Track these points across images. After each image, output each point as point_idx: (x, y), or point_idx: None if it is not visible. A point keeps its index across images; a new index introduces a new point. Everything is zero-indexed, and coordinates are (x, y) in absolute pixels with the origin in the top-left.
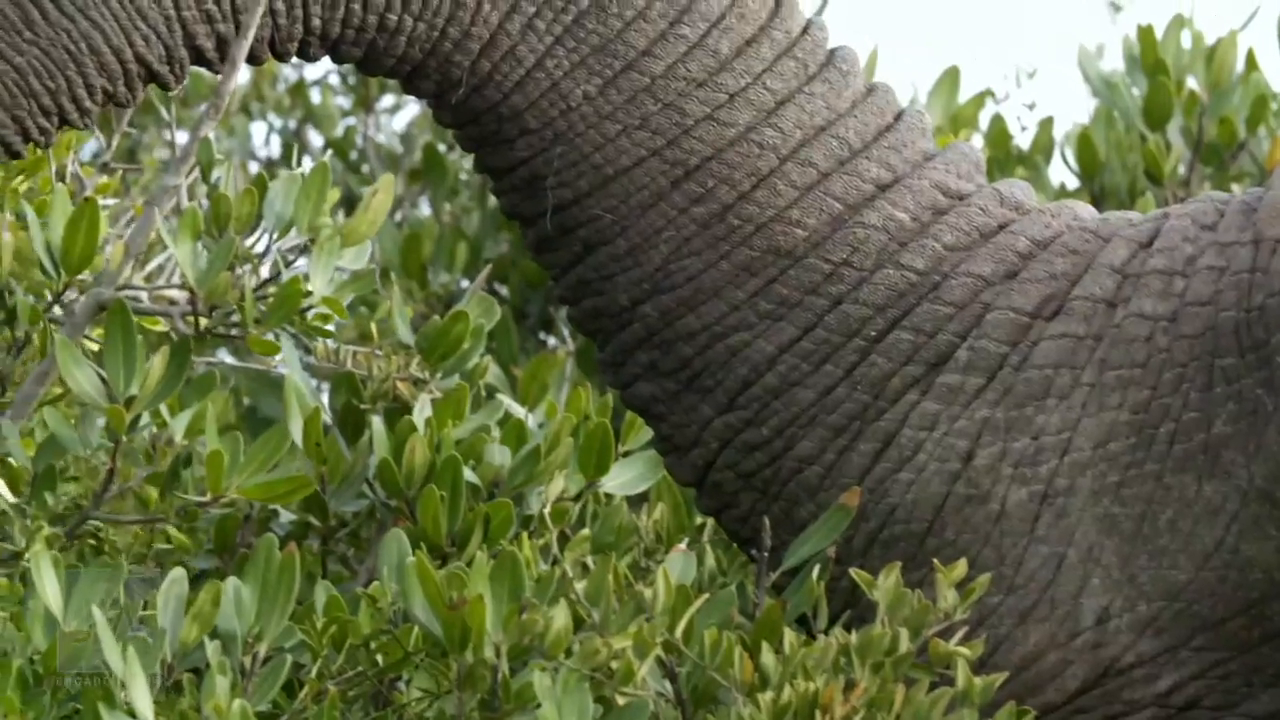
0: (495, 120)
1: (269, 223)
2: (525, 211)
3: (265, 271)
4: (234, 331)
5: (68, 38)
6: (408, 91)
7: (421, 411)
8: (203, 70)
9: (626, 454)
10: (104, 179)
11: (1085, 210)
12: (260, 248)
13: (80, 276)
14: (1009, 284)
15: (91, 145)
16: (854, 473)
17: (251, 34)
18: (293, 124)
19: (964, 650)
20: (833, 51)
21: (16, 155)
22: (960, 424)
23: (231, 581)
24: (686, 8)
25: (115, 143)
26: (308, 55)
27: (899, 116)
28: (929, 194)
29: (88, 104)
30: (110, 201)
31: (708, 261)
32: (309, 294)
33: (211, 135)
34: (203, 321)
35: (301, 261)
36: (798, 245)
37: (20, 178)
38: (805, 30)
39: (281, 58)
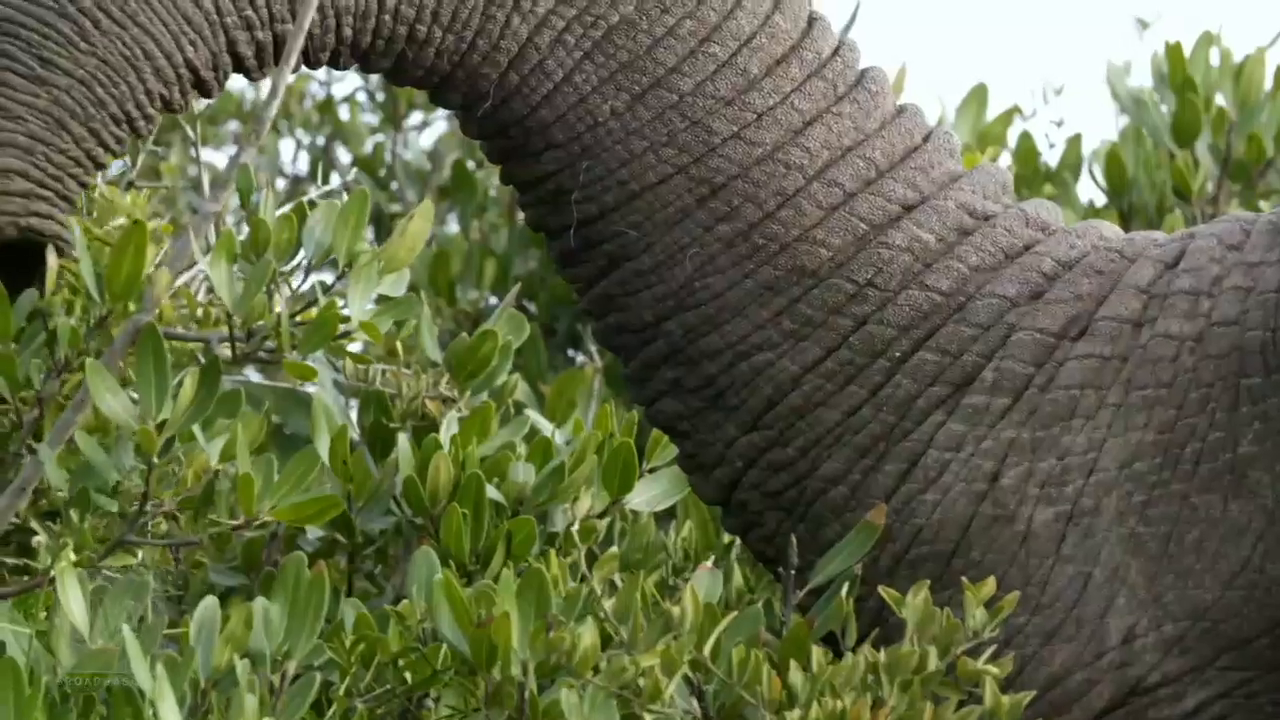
0: (522, 133)
1: (308, 250)
2: (550, 225)
3: (302, 290)
4: (267, 356)
5: (121, 44)
6: (435, 102)
7: (447, 429)
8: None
9: (652, 470)
10: (130, 197)
11: (1111, 230)
12: (297, 273)
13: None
14: (1034, 305)
15: (115, 165)
16: (880, 493)
17: (294, 60)
18: (321, 141)
19: (992, 669)
20: (863, 72)
21: (101, 167)
22: (986, 445)
23: (260, 601)
24: (717, 26)
25: (140, 161)
26: (338, 64)
27: (927, 138)
28: (955, 215)
29: (149, 109)
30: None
31: (732, 280)
32: (346, 319)
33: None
34: (239, 346)
35: (337, 284)
36: (822, 265)
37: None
38: (836, 51)
39: (314, 67)
